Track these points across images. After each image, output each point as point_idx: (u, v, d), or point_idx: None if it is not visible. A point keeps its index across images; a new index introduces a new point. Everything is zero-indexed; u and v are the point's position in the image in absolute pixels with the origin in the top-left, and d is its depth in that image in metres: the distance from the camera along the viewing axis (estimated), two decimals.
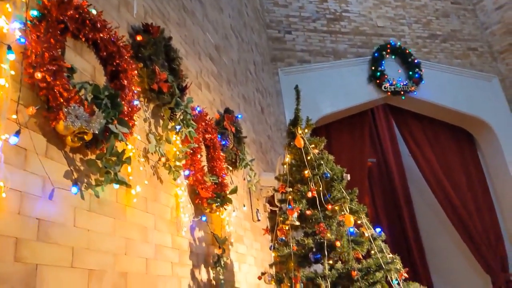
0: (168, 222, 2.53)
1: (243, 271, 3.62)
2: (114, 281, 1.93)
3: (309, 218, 2.83)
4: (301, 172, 2.98)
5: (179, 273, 2.55)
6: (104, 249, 1.91)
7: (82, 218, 1.83)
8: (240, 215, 3.82)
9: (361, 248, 2.83)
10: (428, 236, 8.49)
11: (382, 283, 2.89)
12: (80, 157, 1.89)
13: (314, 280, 2.67)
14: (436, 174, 7.77)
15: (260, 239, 4.29)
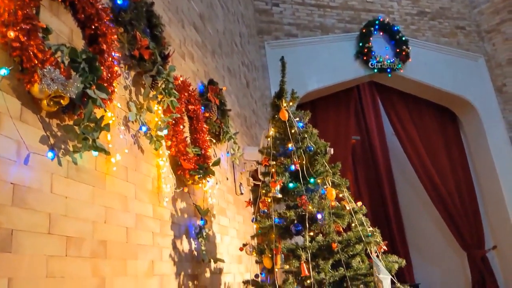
0: (149, 192, 2.50)
1: (225, 243, 3.64)
2: (93, 248, 1.91)
3: (292, 191, 2.84)
4: (285, 145, 2.97)
5: (160, 243, 2.54)
6: (83, 216, 1.88)
7: (60, 184, 1.79)
8: (223, 188, 3.81)
9: (342, 221, 2.86)
10: (408, 213, 8.70)
11: (361, 256, 2.95)
12: (57, 123, 1.84)
13: (295, 251, 2.70)
14: (419, 153, 7.89)
15: (243, 212, 4.31)
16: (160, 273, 2.47)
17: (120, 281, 2.07)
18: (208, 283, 3.16)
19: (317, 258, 2.79)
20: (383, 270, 2.56)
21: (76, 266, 1.79)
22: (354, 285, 2.62)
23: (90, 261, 1.88)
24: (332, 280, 2.65)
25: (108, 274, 1.98)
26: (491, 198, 7.68)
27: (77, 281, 1.77)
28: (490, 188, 7.67)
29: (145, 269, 2.31)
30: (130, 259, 2.19)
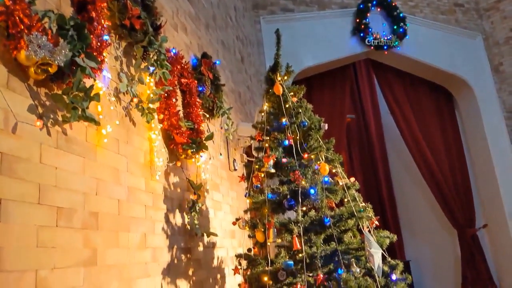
0: (141, 166, 2.48)
1: (218, 218, 3.65)
2: (84, 220, 1.90)
3: (285, 166, 2.83)
4: (278, 120, 2.95)
5: (153, 216, 2.54)
6: (73, 187, 1.87)
7: (49, 155, 1.76)
8: (217, 163, 3.80)
9: (334, 196, 2.87)
10: (400, 191, 8.77)
11: (353, 231, 2.98)
12: (45, 92, 1.79)
13: (287, 225, 2.71)
14: (414, 132, 7.90)
15: (236, 188, 4.32)
16: (152, 246, 2.48)
17: (112, 253, 2.07)
18: (201, 257, 3.18)
19: (309, 233, 2.81)
20: (374, 245, 2.59)
21: (67, 236, 1.78)
22: (345, 259, 2.64)
23: (82, 232, 1.87)
24: (323, 254, 2.67)
25: (100, 246, 1.98)
26: (484, 177, 7.75)
27: (68, 251, 1.77)
28: (483, 168, 7.73)
29: (137, 241, 2.32)
30: (122, 231, 2.18)
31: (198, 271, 3.09)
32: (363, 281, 2.48)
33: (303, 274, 2.60)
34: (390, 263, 2.82)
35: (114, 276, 2.06)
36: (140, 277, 2.29)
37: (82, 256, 1.85)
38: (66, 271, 1.74)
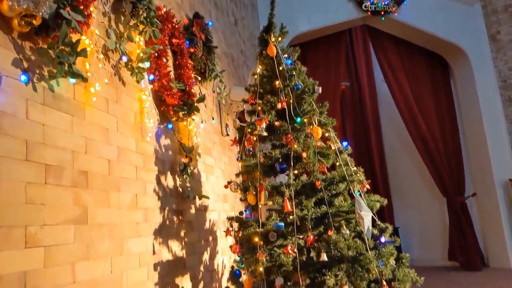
0: (131, 126, 2.45)
1: (210, 182, 3.66)
2: (74, 178, 1.88)
3: (277, 129, 2.81)
4: (272, 83, 2.90)
5: (144, 178, 2.53)
6: (62, 145, 1.84)
7: (36, 111, 1.73)
8: (209, 128, 3.77)
9: (326, 160, 2.86)
10: (392, 159, 8.85)
11: (344, 195, 2.99)
12: (30, 45, 1.73)
13: (279, 188, 2.71)
14: (407, 100, 7.88)
15: (229, 153, 4.31)
16: (144, 207, 2.48)
17: (103, 212, 2.07)
18: (193, 219, 3.20)
19: (301, 196, 2.82)
20: (364, 208, 2.61)
21: (56, 194, 1.77)
22: (335, 221, 2.67)
23: (71, 190, 1.86)
24: (314, 217, 2.69)
25: (90, 204, 1.98)
26: (475, 146, 7.81)
27: (58, 209, 1.76)
28: (475, 137, 7.78)
29: (128, 201, 2.31)
30: (113, 191, 2.18)
31: (190, 233, 3.12)
32: (352, 243, 2.51)
33: (293, 237, 2.63)
34: (380, 226, 2.86)
35: (106, 235, 2.07)
36: (131, 236, 2.31)
37: (72, 214, 1.85)
38: (56, 228, 1.74)
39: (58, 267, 1.72)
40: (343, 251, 2.47)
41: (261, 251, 2.61)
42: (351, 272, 2.43)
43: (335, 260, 2.47)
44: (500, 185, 7.39)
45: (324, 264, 2.50)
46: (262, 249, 2.63)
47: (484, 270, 7.37)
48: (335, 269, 2.46)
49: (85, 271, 1.88)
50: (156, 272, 2.55)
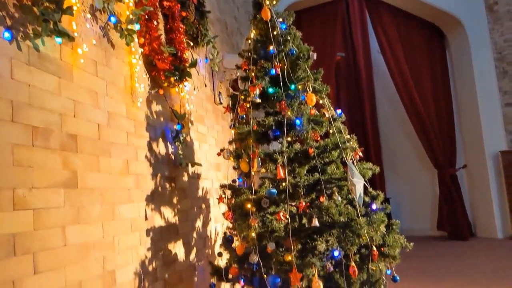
0: (121, 90, 2.39)
1: (203, 150, 3.64)
2: (62, 141, 1.85)
3: (271, 96, 2.77)
4: (266, 48, 2.83)
5: (135, 143, 2.50)
6: (49, 107, 1.79)
7: (21, 71, 1.67)
8: (202, 95, 3.72)
9: (320, 128, 2.84)
10: (385, 131, 8.87)
11: (337, 163, 2.99)
12: (13, 2, 1.66)
13: (272, 155, 2.70)
14: (403, 71, 7.82)
15: (222, 122, 4.27)
16: (135, 173, 2.46)
17: (93, 176, 2.04)
18: (185, 186, 3.20)
19: (293, 163, 2.81)
20: (357, 175, 2.61)
21: (44, 157, 1.73)
22: (328, 188, 2.67)
23: (60, 154, 1.83)
24: (306, 184, 2.69)
25: (80, 168, 1.95)
26: (468, 118, 7.83)
27: (46, 171, 1.73)
28: (468, 109, 7.78)
29: (119, 167, 2.29)
30: (103, 156, 2.15)
31: (182, 200, 3.12)
32: (344, 209, 2.53)
33: (286, 204, 2.64)
34: (371, 194, 2.87)
35: (97, 199, 2.05)
36: (123, 202, 2.30)
37: (62, 178, 1.82)
38: (45, 191, 1.72)
39: (48, 230, 1.71)
40: (335, 217, 2.48)
41: (253, 217, 2.62)
42: (342, 238, 2.45)
43: (326, 226, 2.49)
44: (491, 157, 7.46)
45: (315, 230, 2.52)
46: (255, 216, 2.64)
47: (471, 239, 7.55)
48: (326, 234, 2.48)
49: (76, 234, 1.87)
50: (148, 237, 2.56)
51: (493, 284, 4.79)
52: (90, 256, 1.95)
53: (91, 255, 1.96)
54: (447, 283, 5.03)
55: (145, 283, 2.43)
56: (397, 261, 2.73)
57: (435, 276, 5.39)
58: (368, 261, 2.65)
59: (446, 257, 6.38)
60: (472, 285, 4.82)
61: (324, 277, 2.60)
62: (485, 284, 4.83)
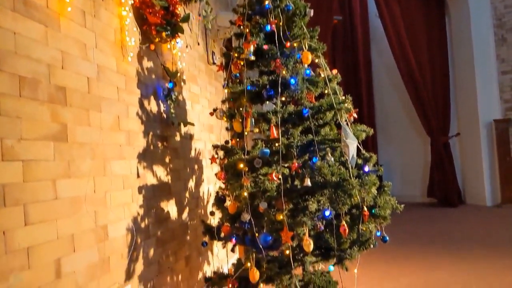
0: (111, 44, 2.32)
1: (196, 111, 3.60)
2: (50, 93, 1.80)
3: (266, 53, 2.71)
4: (261, 3, 2.74)
5: (126, 100, 2.45)
6: (36, 57, 1.73)
7: (5, 17, 1.60)
8: (194, 54, 3.63)
9: (315, 88, 2.80)
10: (380, 97, 8.84)
11: (331, 125, 2.97)
12: None
13: (265, 115, 2.67)
14: (400, 35, 7.71)
15: (215, 83, 4.21)
16: (126, 129, 2.43)
17: (83, 131, 2.01)
18: (178, 146, 3.18)
19: (287, 124, 2.79)
20: (350, 136, 2.60)
21: (32, 108, 1.69)
22: (321, 149, 2.67)
23: (48, 106, 1.78)
24: (300, 144, 2.68)
25: (70, 122, 1.91)
26: (464, 86, 7.81)
27: (35, 123, 1.69)
28: (465, 77, 7.74)
29: (110, 122, 2.25)
30: (93, 110, 2.10)
31: (175, 160, 3.11)
32: (336, 169, 2.53)
33: (278, 166, 2.63)
34: (364, 156, 2.87)
35: (87, 154, 2.02)
36: (114, 158, 2.27)
37: (51, 130, 1.78)
38: (34, 143, 1.69)
39: (39, 182, 1.69)
40: (327, 177, 2.48)
41: (245, 177, 2.62)
42: (334, 198, 2.47)
43: (318, 186, 2.49)
44: (484, 126, 7.50)
45: (307, 190, 2.53)
46: (247, 175, 2.64)
47: (460, 206, 7.70)
48: (318, 195, 2.48)
49: (67, 188, 1.86)
50: (140, 195, 2.56)
51: (477, 248, 4.92)
52: (81, 211, 1.95)
53: (83, 210, 1.96)
54: (436, 246, 5.16)
55: (137, 239, 2.45)
56: (388, 221, 2.77)
57: (424, 240, 5.53)
58: (358, 221, 2.68)
59: (435, 223, 6.52)
60: (460, 249, 4.95)
61: (314, 237, 2.64)
62: (472, 248, 4.96)
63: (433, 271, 4.11)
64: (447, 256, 4.57)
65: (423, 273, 4.07)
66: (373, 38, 8.62)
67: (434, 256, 4.60)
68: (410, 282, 3.84)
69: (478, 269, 4.02)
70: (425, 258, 4.56)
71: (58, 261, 1.76)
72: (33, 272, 1.62)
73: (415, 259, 4.57)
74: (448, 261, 4.38)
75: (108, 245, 2.15)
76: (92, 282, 1.99)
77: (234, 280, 2.74)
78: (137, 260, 2.46)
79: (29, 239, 1.61)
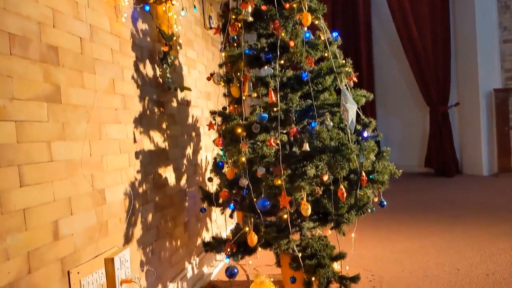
0: (104, 3, 2.24)
1: (193, 77, 3.54)
2: (42, 52, 1.74)
3: (264, 14, 2.63)
4: None
5: (121, 62, 2.39)
6: (26, 14, 1.66)
7: None
8: (191, 18, 3.54)
9: (315, 52, 2.74)
10: (380, 66, 8.74)
11: (330, 90, 2.92)
12: None
13: (264, 79, 2.62)
14: (402, 2, 7.53)
15: (212, 49, 4.13)
16: (122, 93, 2.38)
17: (77, 92, 1.96)
18: (175, 112, 3.14)
19: (286, 89, 2.74)
20: (350, 100, 2.56)
21: (24, 67, 1.64)
22: (320, 114, 2.63)
23: (40, 66, 1.73)
24: (298, 109, 2.65)
25: (63, 83, 1.86)
26: (465, 55, 7.69)
27: (27, 83, 1.65)
28: (466, 45, 7.61)
29: (105, 85, 2.20)
30: (87, 72, 2.05)
31: (172, 126, 3.07)
32: (335, 133, 2.50)
33: (277, 132, 2.60)
34: (363, 121, 2.84)
35: (82, 117, 1.99)
36: (110, 122, 2.24)
37: (44, 91, 1.74)
38: (27, 103, 1.64)
39: (33, 144, 1.66)
40: (326, 141, 2.46)
41: (243, 142, 2.59)
42: (332, 163, 2.45)
43: (317, 150, 2.47)
44: (484, 95, 7.45)
45: (305, 156, 2.51)
46: (245, 141, 2.62)
47: (457, 176, 7.74)
48: (317, 160, 2.47)
49: (62, 151, 1.83)
50: (138, 160, 2.54)
51: (472, 215, 4.97)
52: (78, 174, 1.93)
53: (79, 173, 1.94)
54: (431, 214, 5.21)
55: (135, 204, 2.45)
56: (386, 186, 2.77)
57: (419, 208, 5.58)
58: (356, 186, 2.68)
59: (431, 192, 6.58)
60: (455, 217, 5.00)
61: (312, 202, 2.64)
62: (467, 216, 5.02)
63: (428, 237, 4.16)
64: (442, 223, 4.62)
65: (418, 239, 4.13)
66: (373, 4, 8.43)
67: (429, 223, 4.66)
68: (406, 247, 3.90)
69: (473, 235, 4.08)
70: (421, 225, 4.61)
71: (55, 223, 1.75)
72: (30, 233, 1.61)
73: (411, 226, 4.63)
74: (443, 227, 4.43)
75: (106, 209, 2.15)
76: (91, 245, 1.99)
77: (232, 244, 2.76)
78: (136, 225, 2.46)
79: (25, 201, 1.60)
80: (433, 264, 3.37)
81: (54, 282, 1.72)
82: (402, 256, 3.65)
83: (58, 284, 1.74)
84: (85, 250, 1.94)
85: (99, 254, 2.05)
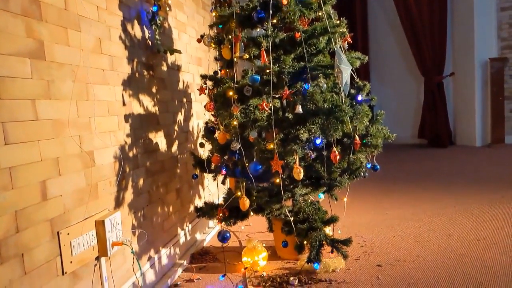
0: None
1: (183, 41, 3.44)
2: (24, 5, 1.66)
3: None
4: None
5: (108, 21, 2.30)
6: None
7: None
8: None
9: (308, 12, 2.65)
10: (375, 37, 8.61)
11: (324, 53, 2.86)
12: None
13: (255, 39, 2.55)
14: None
15: (203, 13, 4.01)
16: (109, 53, 2.30)
17: (62, 50, 1.88)
18: (165, 76, 3.07)
19: (279, 51, 2.67)
20: (344, 61, 2.50)
21: (5, 21, 1.56)
22: (313, 76, 2.58)
23: (22, 19, 1.65)
24: (292, 71, 2.59)
25: (46, 39, 1.78)
26: (461, 24, 7.58)
27: (8, 37, 1.57)
28: (463, 14, 7.50)
29: (91, 44, 2.12)
30: (72, 29, 1.97)
31: (162, 91, 3.01)
32: (328, 95, 2.46)
33: (269, 97, 2.54)
34: (358, 84, 2.79)
35: (67, 75, 1.92)
36: (97, 83, 2.17)
37: (27, 47, 1.66)
38: (8, 58, 1.57)
39: (16, 101, 1.60)
40: (319, 103, 2.42)
41: (235, 105, 2.54)
42: (325, 125, 2.41)
43: (310, 113, 2.43)
44: (480, 65, 7.39)
45: (298, 120, 2.47)
46: (237, 104, 2.57)
47: (450, 147, 7.78)
48: (310, 123, 2.43)
49: (48, 110, 1.77)
50: (127, 123, 2.49)
51: (465, 184, 5.02)
52: (65, 134, 1.88)
53: (66, 133, 1.89)
54: (424, 182, 5.25)
55: (125, 168, 2.41)
56: (379, 150, 2.75)
57: (412, 177, 5.62)
58: (349, 150, 2.66)
59: (424, 162, 6.61)
60: (447, 185, 5.04)
61: (305, 167, 2.62)
62: (459, 184, 5.06)
63: (420, 204, 4.20)
64: (434, 191, 4.66)
65: (410, 206, 4.16)
66: None
67: (421, 191, 4.69)
68: (398, 214, 3.93)
69: (464, 202, 4.11)
70: (413, 193, 4.65)
71: (43, 183, 1.71)
72: (17, 192, 1.57)
73: (403, 194, 4.66)
74: (435, 195, 4.47)
75: (95, 171, 2.11)
76: (81, 207, 1.97)
77: (224, 209, 2.76)
78: (127, 189, 2.43)
79: (11, 159, 1.55)
80: (424, 230, 3.40)
81: (44, 242, 1.70)
82: (394, 222, 3.68)
83: (48, 245, 1.72)
84: (75, 211, 1.92)
85: (89, 216, 2.02)
